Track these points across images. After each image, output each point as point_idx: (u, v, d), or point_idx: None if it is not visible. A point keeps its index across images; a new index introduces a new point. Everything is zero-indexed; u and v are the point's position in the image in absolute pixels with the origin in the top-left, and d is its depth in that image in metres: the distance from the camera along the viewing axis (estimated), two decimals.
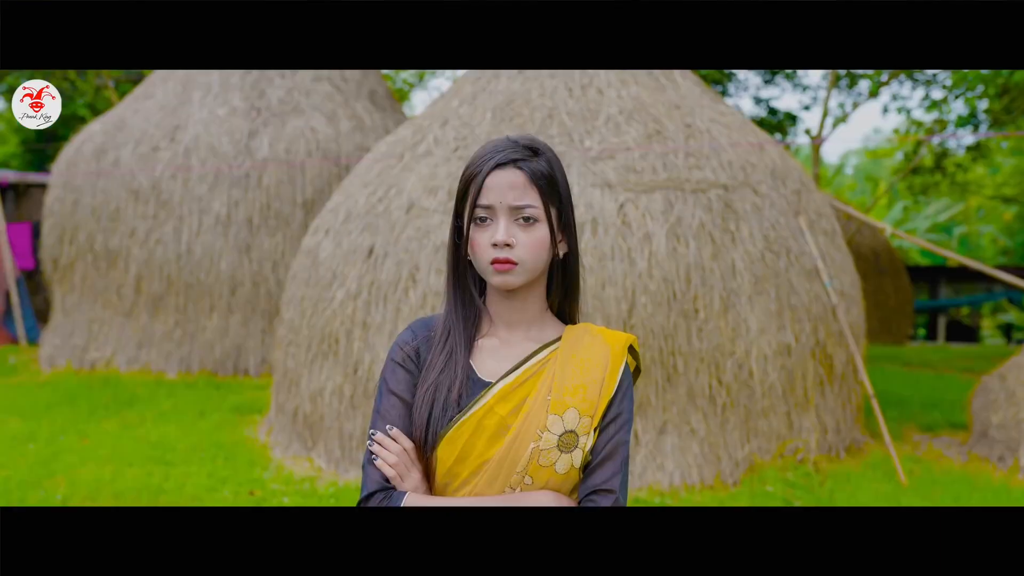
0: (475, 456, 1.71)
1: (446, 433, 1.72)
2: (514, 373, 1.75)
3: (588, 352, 1.78)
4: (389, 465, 1.72)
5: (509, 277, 1.73)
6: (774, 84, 16.72)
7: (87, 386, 9.41)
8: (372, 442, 1.75)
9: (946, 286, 24.25)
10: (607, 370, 1.76)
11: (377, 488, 1.72)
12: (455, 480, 1.74)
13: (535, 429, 1.71)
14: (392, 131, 10.80)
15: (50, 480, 6.10)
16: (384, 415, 1.76)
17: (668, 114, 7.10)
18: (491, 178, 1.73)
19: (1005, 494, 6.07)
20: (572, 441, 1.72)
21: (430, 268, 6.44)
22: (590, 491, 1.73)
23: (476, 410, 1.72)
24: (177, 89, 11.20)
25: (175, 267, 10.20)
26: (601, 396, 1.74)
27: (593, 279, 6.14)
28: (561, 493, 1.74)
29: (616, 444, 1.75)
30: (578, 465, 1.73)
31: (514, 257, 1.71)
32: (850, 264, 7.58)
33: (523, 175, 1.73)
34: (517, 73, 7.46)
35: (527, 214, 1.72)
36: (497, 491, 1.71)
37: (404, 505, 1.69)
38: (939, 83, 14.83)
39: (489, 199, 1.73)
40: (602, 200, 6.41)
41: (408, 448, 1.74)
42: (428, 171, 6.95)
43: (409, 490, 1.72)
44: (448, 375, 1.75)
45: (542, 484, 1.72)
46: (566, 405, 1.72)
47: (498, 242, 1.71)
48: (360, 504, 1.74)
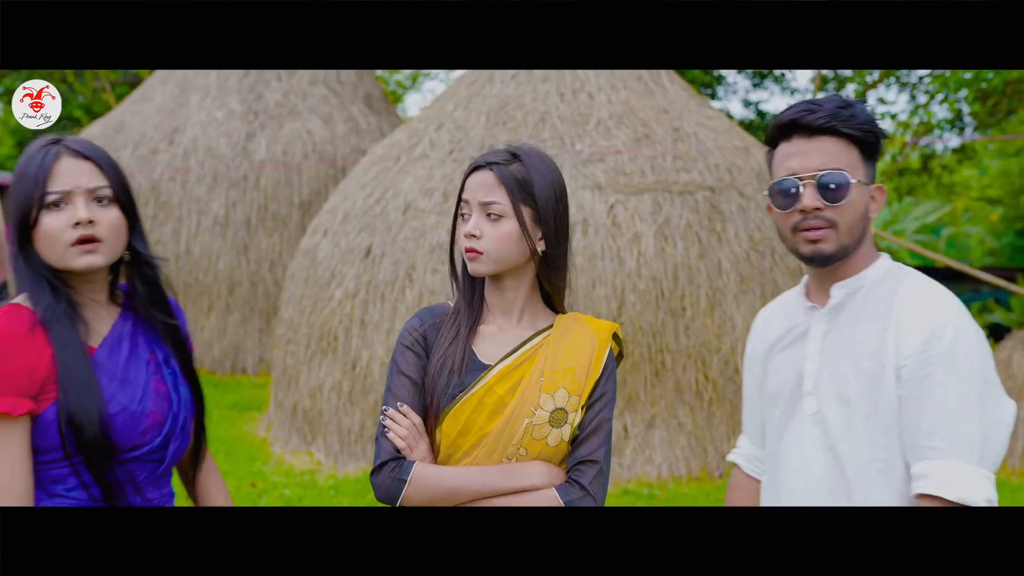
0: (476, 430, 1.93)
1: (450, 409, 1.93)
2: (511, 357, 1.96)
3: (576, 338, 2.00)
4: (400, 437, 1.93)
5: (476, 265, 1.95)
6: (763, 87, 16.95)
7: None
8: (385, 417, 1.96)
9: None
10: (593, 355, 1.98)
11: (389, 458, 1.93)
12: (458, 451, 1.95)
13: (529, 406, 1.92)
14: (387, 133, 11.01)
15: None
16: (395, 393, 1.98)
17: (656, 118, 7.32)
18: (470, 179, 1.98)
19: None
20: (562, 417, 1.94)
21: (426, 267, 6.65)
22: (577, 461, 1.95)
23: (477, 389, 1.94)
24: (175, 92, 11.38)
25: (174, 267, 10.37)
26: (588, 378, 1.96)
27: (584, 278, 6.35)
28: (552, 463, 1.96)
29: (601, 420, 1.97)
30: (567, 439, 1.95)
31: (479, 247, 1.93)
32: None
33: (493, 176, 1.95)
34: (511, 78, 7.67)
35: (492, 211, 1.94)
36: (495, 461, 1.93)
37: (413, 472, 1.90)
38: (923, 87, 15.07)
39: (466, 196, 1.98)
40: (592, 201, 6.63)
41: (416, 423, 1.95)
42: (424, 173, 7.15)
43: (417, 460, 1.93)
44: (453, 353, 1.96)
45: (535, 455, 1.94)
46: (557, 385, 1.94)
47: (467, 233, 1.94)
48: (374, 471, 1.95)
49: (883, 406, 1.84)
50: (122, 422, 1.84)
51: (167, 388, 1.94)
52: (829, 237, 1.89)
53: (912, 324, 1.84)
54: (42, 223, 1.82)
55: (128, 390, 1.88)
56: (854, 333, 1.91)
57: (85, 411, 1.80)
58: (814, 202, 1.88)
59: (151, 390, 1.91)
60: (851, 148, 1.91)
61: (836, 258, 1.91)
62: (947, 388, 1.79)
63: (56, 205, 1.83)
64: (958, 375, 1.80)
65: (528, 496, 1.90)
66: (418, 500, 1.91)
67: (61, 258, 1.84)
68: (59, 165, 1.84)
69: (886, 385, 1.84)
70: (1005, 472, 6.72)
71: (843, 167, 1.89)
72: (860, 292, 1.95)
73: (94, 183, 1.87)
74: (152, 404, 1.90)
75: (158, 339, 1.99)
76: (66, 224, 1.82)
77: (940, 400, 1.79)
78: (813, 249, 1.90)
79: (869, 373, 1.86)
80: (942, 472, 1.77)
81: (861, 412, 1.86)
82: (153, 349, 1.97)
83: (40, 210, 1.82)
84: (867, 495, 1.85)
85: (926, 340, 1.81)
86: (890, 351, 1.84)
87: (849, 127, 1.89)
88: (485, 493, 1.91)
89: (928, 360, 1.80)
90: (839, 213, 1.88)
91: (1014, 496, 6.05)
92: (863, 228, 1.93)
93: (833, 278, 1.96)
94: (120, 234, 1.91)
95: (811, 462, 1.93)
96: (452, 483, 1.91)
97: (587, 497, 1.92)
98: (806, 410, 1.94)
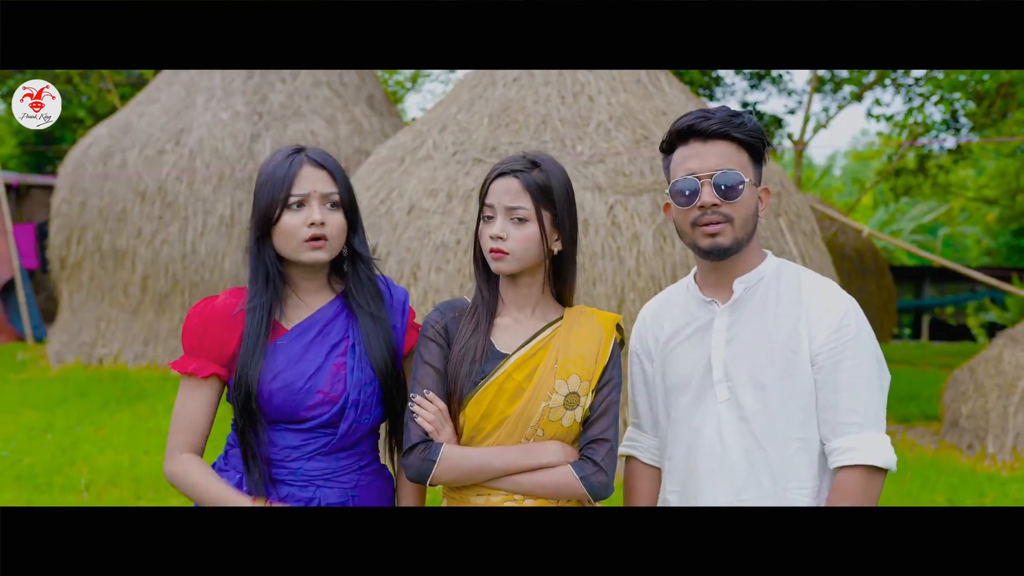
0: (497, 413, 2.11)
1: (473, 395, 2.11)
2: (527, 346, 2.14)
3: (585, 329, 2.18)
4: (428, 422, 2.11)
5: (501, 264, 2.12)
6: (760, 89, 17.13)
7: (97, 381, 9.76)
8: (413, 403, 2.14)
9: (931, 286, 24.73)
10: (601, 343, 2.17)
11: (419, 440, 2.11)
12: (480, 433, 2.13)
13: (545, 391, 2.10)
14: (389, 134, 11.19)
15: (72, 467, 6.45)
16: (420, 381, 2.15)
17: (655, 120, 7.49)
18: (494, 184, 2.14)
19: (971, 478, 6.48)
20: (575, 400, 2.12)
21: (430, 266, 6.82)
22: (590, 440, 2.14)
23: (497, 376, 2.12)
24: (181, 93, 11.55)
25: (180, 266, 10.55)
26: (597, 364, 2.15)
27: (584, 277, 6.52)
28: (566, 443, 2.14)
29: (609, 403, 2.15)
30: (579, 420, 2.14)
31: (505, 248, 2.10)
32: (828, 262, 7.99)
33: (518, 182, 2.12)
34: (512, 80, 7.84)
35: (519, 215, 2.11)
36: (515, 441, 2.11)
37: (442, 453, 2.08)
38: (918, 88, 15.24)
39: (491, 201, 2.14)
40: (593, 202, 6.80)
41: (442, 408, 2.13)
42: (428, 174, 7.32)
43: (444, 442, 2.11)
44: (473, 346, 2.13)
45: (551, 436, 2.12)
46: (569, 372, 2.12)
47: (493, 235, 2.11)
48: (405, 453, 2.13)
49: (800, 389, 2.06)
50: (283, 397, 2.12)
51: (346, 371, 2.16)
52: (725, 231, 2.08)
53: (821, 315, 2.07)
54: (283, 220, 2.13)
55: (299, 368, 2.14)
56: (764, 324, 2.10)
57: (244, 384, 2.12)
58: (712, 199, 2.07)
59: (327, 371, 2.16)
60: (741, 152, 2.11)
61: (732, 251, 2.10)
62: (857, 369, 2.04)
63: (296, 206, 2.13)
64: (864, 357, 2.05)
65: (546, 472, 2.09)
66: (446, 479, 2.10)
67: (295, 251, 2.16)
68: (302, 172, 2.14)
69: (802, 370, 2.06)
70: (995, 466, 6.90)
71: (736, 168, 2.09)
72: (759, 286, 2.14)
73: (327, 189, 2.16)
74: (325, 384, 2.14)
75: (357, 326, 2.21)
76: (302, 223, 2.12)
77: (853, 380, 2.04)
78: (711, 242, 2.09)
79: (785, 360, 2.06)
80: (865, 444, 2.02)
81: (778, 396, 2.06)
82: (348, 335, 2.20)
83: (283, 209, 2.12)
84: (789, 471, 2.06)
85: (836, 329, 2.05)
86: (804, 339, 2.06)
87: (740, 133, 2.10)
88: (507, 470, 2.09)
89: (840, 346, 2.05)
90: (734, 209, 2.08)
91: (1004, 489, 6.23)
92: (754, 225, 2.13)
93: (730, 274, 2.15)
94: (343, 234, 2.20)
95: (728, 444, 2.10)
96: (478, 461, 2.10)
97: (600, 472, 2.11)
98: (719, 397, 2.12)
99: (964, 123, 16.18)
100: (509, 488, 2.10)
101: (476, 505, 2.12)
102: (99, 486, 6.03)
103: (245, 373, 2.12)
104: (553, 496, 2.11)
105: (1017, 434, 7.00)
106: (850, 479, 2.01)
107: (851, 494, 2.00)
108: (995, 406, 7.27)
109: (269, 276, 2.19)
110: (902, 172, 17.59)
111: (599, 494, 2.13)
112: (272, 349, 2.16)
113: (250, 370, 2.12)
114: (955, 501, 5.92)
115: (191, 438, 2.16)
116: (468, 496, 2.14)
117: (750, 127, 2.11)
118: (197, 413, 2.17)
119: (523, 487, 2.10)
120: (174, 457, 2.16)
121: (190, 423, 2.16)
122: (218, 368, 2.17)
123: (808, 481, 2.07)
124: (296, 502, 2.15)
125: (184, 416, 2.16)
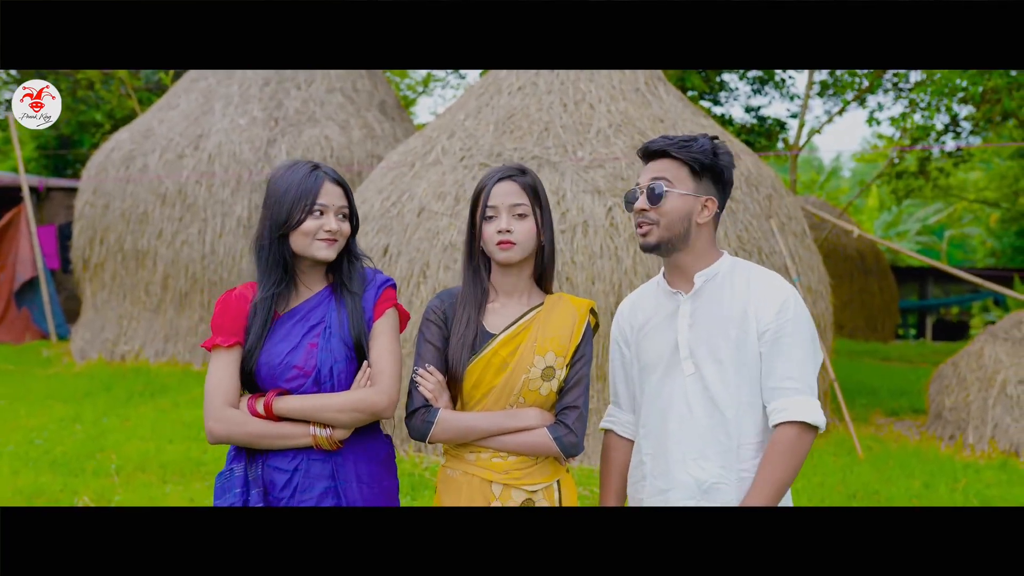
0: (486, 383, 2.54)
1: (466, 368, 2.53)
2: (511, 327, 2.57)
3: (561, 313, 2.60)
4: (428, 390, 2.54)
5: (510, 253, 2.54)
6: (763, 93, 17.47)
7: (120, 376, 10.20)
8: (415, 374, 2.56)
9: (935, 286, 25.02)
10: (575, 325, 2.59)
11: (420, 405, 2.54)
12: (471, 400, 2.56)
13: (526, 365, 2.53)
14: (400, 139, 11.60)
15: (102, 454, 6.87)
16: (423, 356, 2.59)
17: (653, 127, 7.88)
18: (495, 188, 2.57)
19: (948, 465, 6.85)
20: (551, 373, 2.55)
21: (439, 265, 7.22)
22: (563, 407, 2.57)
23: (486, 352, 2.54)
24: (200, 100, 11.99)
25: (200, 266, 10.99)
26: (571, 342, 2.57)
27: (583, 275, 6.92)
28: (543, 409, 2.56)
29: (581, 376, 2.58)
30: (555, 390, 2.56)
31: (512, 239, 2.53)
32: (818, 262, 8.36)
33: (516, 185, 2.57)
34: (518, 89, 8.24)
35: (519, 211, 2.55)
36: (501, 407, 2.54)
37: (439, 416, 2.51)
38: (911, 93, 15.52)
39: (494, 202, 2.56)
40: (592, 205, 7.20)
41: (440, 380, 2.56)
42: (437, 178, 7.73)
43: (442, 407, 2.54)
44: (467, 331, 2.56)
45: (531, 403, 2.55)
46: (547, 349, 2.54)
47: (502, 229, 2.53)
48: (408, 416, 2.56)
49: (748, 361, 2.48)
50: (267, 370, 2.55)
51: (318, 349, 2.55)
52: (652, 232, 2.51)
53: (765, 300, 2.50)
54: (305, 224, 2.55)
55: (281, 347, 2.55)
56: (720, 310, 2.52)
57: (247, 360, 2.56)
58: (641, 205, 2.53)
59: (303, 349, 2.55)
60: (681, 167, 2.52)
61: (660, 248, 2.53)
62: (794, 345, 2.46)
63: (318, 213, 2.55)
64: (800, 336, 2.48)
65: (526, 434, 2.51)
66: (443, 438, 2.54)
67: (309, 247, 2.56)
68: (325, 186, 2.57)
69: (750, 345, 2.48)
70: (973, 455, 7.27)
71: (671, 180, 2.50)
72: (716, 279, 2.56)
73: (342, 203, 2.60)
74: (300, 360, 2.54)
75: (335, 312, 2.60)
76: (319, 227, 2.55)
77: (791, 353, 2.46)
78: (643, 241, 2.54)
79: (736, 339, 2.49)
80: (798, 405, 2.44)
81: (732, 368, 2.48)
82: (324, 318, 2.59)
83: (308, 215, 2.54)
84: (740, 428, 2.48)
85: (777, 311, 2.48)
86: (751, 321, 2.48)
87: (680, 153, 2.51)
88: (494, 432, 2.52)
89: (780, 325, 2.47)
90: (659, 212, 2.50)
91: (978, 476, 6.59)
92: (685, 228, 2.52)
93: (691, 270, 2.56)
94: (345, 239, 2.63)
95: (695, 409, 2.51)
96: (469, 424, 2.53)
97: (571, 434, 2.54)
98: (685, 371, 2.53)
99: (965, 127, 16.47)
100: (495, 447, 2.53)
101: (468, 460, 2.55)
102: (128, 471, 6.45)
103: (250, 351, 2.55)
104: (532, 453, 2.53)
105: (995, 425, 7.36)
106: (785, 433, 2.43)
107: (784, 445, 2.42)
108: (976, 399, 7.63)
109: (283, 268, 2.57)
110: (903, 175, 17.87)
111: (570, 452, 2.55)
112: (269, 332, 2.57)
113: (251, 347, 2.55)
114: (931, 486, 6.28)
115: (228, 398, 2.52)
116: (462, 453, 2.56)
117: (695, 149, 2.52)
118: (229, 377, 2.53)
119: (507, 446, 2.52)
120: (224, 413, 2.50)
121: (225, 387, 2.52)
122: (239, 339, 2.56)
123: (755, 437, 2.49)
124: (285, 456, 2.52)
125: (218, 383, 2.52)
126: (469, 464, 2.55)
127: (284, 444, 2.49)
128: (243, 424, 2.49)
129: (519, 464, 2.53)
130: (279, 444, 2.49)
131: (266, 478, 2.50)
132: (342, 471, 2.52)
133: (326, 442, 2.49)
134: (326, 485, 2.50)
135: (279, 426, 2.49)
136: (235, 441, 2.51)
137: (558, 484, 2.57)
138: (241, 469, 2.51)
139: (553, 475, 2.57)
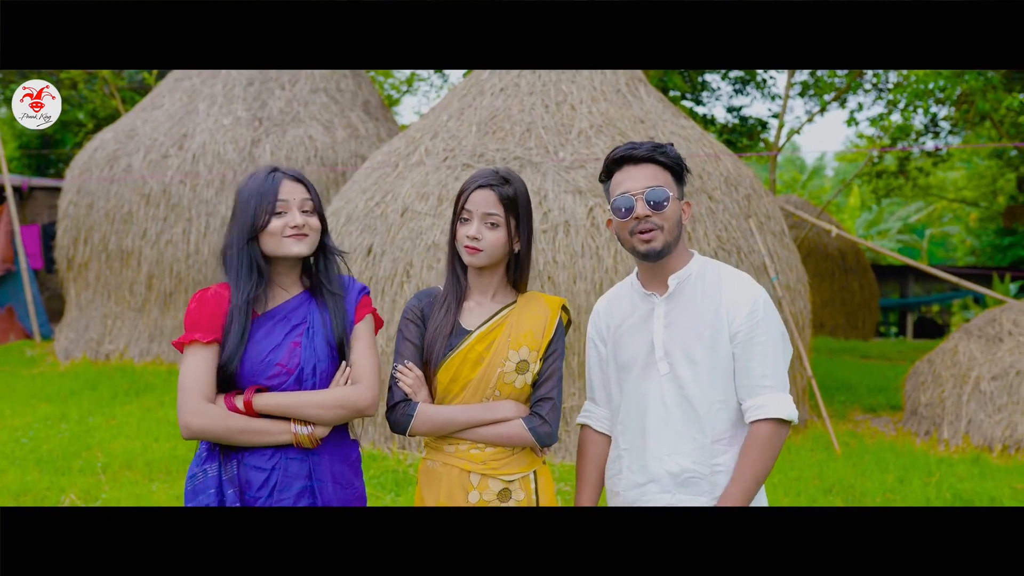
0: (463, 378, 2.63)
1: (443, 363, 2.63)
2: (487, 324, 2.67)
3: (534, 310, 2.71)
4: (407, 385, 2.64)
5: (474, 259, 2.64)
6: (745, 93, 17.63)
7: (105, 375, 10.23)
8: (395, 370, 2.65)
9: (916, 284, 25.24)
10: (547, 321, 2.69)
11: (400, 399, 2.64)
12: (449, 394, 2.65)
13: (501, 359, 2.63)
14: (384, 139, 11.67)
15: (88, 452, 6.93)
16: (402, 353, 2.69)
17: (633, 128, 7.99)
18: (474, 194, 2.66)
19: (923, 459, 6.99)
20: (525, 367, 2.64)
21: (422, 265, 7.31)
22: (537, 399, 2.67)
23: (462, 348, 2.64)
24: (184, 100, 12.03)
25: (184, 266, 11.03)
26: (544, 337, 2.67)
27: (565, 274, 7.02)
28: (519, 402, 2.66)
29: (553, 369, 2.68)
30: (529, 383, 2.66)
31: (479, 246, 2.62)
32: (797, 261, 8.49)
33: (494, 195, 2.65)
34: (500, 90, 8.33)
35: (491, 220, 2.64)
36: (477, 400, 2.63)
37: (418, 409, 2.60)
38: (899, 91, 15.70)
39: (470, 207, 2.65)
40: (574, 205, 7.30)
41: (419, 375, 2.66)
42: (420, 179, 7.81)
43: (421, 401, 2.63)
44: (444, 325, 2.65)
45: (506, 396, 2.65)
46: (520, 344, 2.64)
47: (471, 235, 2.62)
48: (389, 410, 2.65)
49: (721, 362, 2.58)
50: (248, 368, 2.55)
51: (301, 347, 2.59)
52: (657, 237, 2.59)
53: (736, 303, 2.59)
54: (271, 225, 2.58)
55: (262, 346, 2.57)
56: (694, 312, 2.62)
57: (225, 359, 2.54)
58: (644, 211, 2.58)
59: (285, 347, 2.58)
60: (666, 173, 2.63)
61: (664, 253, 2.61)
62: (767, 344, 2.57)
63: (280, 212, 2.58)
64: (772, 334, 2.59)
65: (502, 425, 2.61)
66: (422, 430, 2.63)
67: (279, 245, 2.59)
68: (284, 184, 2.61)
69: (723, 346, 2.58)
70: (947, 450, 7.40)
71: (664, 185, 2.60)
72: (689, 281, 2.65)
73: (303, 196, 2.62)
74: (283, 358, 2.56)
75: (316, 313, 2.64)
76: (285, 225, 2.58)
77: (764, 352, 2.56)
78: (647, 247, 2.59)
79: (710, 339, 2.59)
80: (774, 402, 2.54)
81: (706, 367, 2.58)
82: (307, 318, 2.63)
83: (271, 216, 2.57)
84: (714, 425, 2.58)
85: (749, 312, 2.58)
86: (724, 322, 2.59)
87: (664, 158, 2.62)
88: (471, 423, 2.61)
89: (753, 326, 2.58)
90: (663, 218, 2.59)
91: (952, 469, 6.72)
92: (679, 231, 2.63)
93: (665, 271, 2.65)
94: (317, 232, 2.65)
95: (671, 407, 2.61)
96: (447, 416, 2.62)
97: (545, 424, 2.64)
98: (660, 371, 2.63)
99: (944, 127, 16.67)
100: (473, 438, 2.62)
101: (447, 451, 2.64)
102: (115, 469, 6.51)
103: (232, 354, 2.52)
104: (508, 444, 2.62)
105: (969, 420, 7.50)
106: (762, 429, 2.54)
107: (763, 440, 2.53)
108: (950, 395, 7.77)
109: (256, 270, 2.57)
110: (883, 174, 18.06)
111: (544, 441, 2.65)
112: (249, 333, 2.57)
113: (231, 347, 2.53)
114: (905, 481, 6.41)
115: (205, 393, 2.49)
116: (442, 445, 2.66)
117: (672, 155, 2.64)
118: (206, 372, 2.50)
119: (484, 437, 2.62)
120: (202, 408, 2.46)
121: (202, 382, 2.49)
122: (217, 336, 2.54)
123: (727, 432, 2.59)
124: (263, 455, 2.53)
125: (196, 378, 2.49)
126: (448, 455, 2.64)
127: (263, 440, 2.49)
128: (223, 419, 2.47)
129: (496, 455, 2.62)
130: (258, 440, 2.49)
131: (242, 477, 2.50)
132: (318, 470, 2.56)
133: (307, 439, 2.52)
134: (303, 484, 2.53)
135: (259, 422, 2.49)
136: (212, 436, 2.48)
137: (534, 475, 2.67)
138: (215, 469, 2.50)
139: (530, 465, 2.67)
